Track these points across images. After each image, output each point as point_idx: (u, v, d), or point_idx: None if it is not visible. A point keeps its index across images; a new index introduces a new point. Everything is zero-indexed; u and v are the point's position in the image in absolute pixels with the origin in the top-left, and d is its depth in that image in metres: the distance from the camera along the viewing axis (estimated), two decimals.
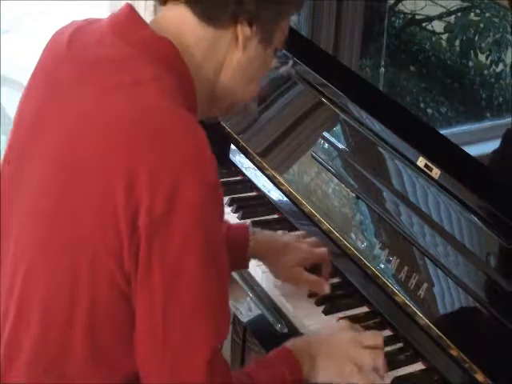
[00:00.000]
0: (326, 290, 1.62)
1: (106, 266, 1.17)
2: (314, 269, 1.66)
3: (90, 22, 1.33)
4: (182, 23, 1.26)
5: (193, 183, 1.14)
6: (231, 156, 2.04)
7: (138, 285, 1.17)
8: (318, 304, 1.61)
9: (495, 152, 1.60)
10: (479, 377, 1.40)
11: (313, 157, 1.81)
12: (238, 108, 1.43)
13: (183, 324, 1.18)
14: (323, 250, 1.67)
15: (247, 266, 1.66)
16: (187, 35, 1.26)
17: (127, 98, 1.19)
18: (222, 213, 1.24)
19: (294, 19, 2.03)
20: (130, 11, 1.28)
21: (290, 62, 1.94)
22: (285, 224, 1.84)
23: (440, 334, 1.47)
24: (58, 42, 1.32)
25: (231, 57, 1.28)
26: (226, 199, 1.90)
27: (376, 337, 1.45)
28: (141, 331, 1.20)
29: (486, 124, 1.62)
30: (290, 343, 1.41)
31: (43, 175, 1.23)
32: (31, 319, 1.24)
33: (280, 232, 1.71)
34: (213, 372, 1.20)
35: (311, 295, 1.63)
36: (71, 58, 1.27)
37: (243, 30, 1.25)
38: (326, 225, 1.73)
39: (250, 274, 1.70)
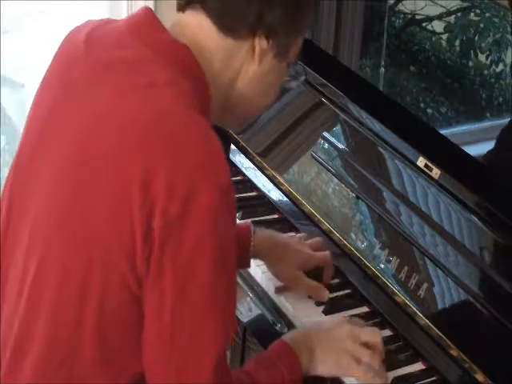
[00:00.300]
0: (326, 297, 1.61)
1: (119, 267, 1.17)
2: (316, 271, 1.66)
3: (106, 22, 1.34)
4: (201, 31, 1.27)
5: (207, 187, 1.14)
6: (231, 156, 2.04)
7: (148, 286, 1.17)
8: (318, 304, 1.61)
9: (495, 152, 1.60)
10: (479, 377, 1.40)
11: (313, 157, 1.81)
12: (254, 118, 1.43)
13: (192, 326, 1.18)
14: (324, 253, 1.66)
15: (249, 266, 1.66)
16: (205, 43, 1.27)
17: (142, 100, 1.19)
18: (235, 216, 1.25)
19: None
20: (149, 13, 1.29)
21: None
22: (285, 224, 1.84)
23: (440, 334, 1.47)
24: (73, 41, 1.32)
25: (247, 67, 1.29)
26: None
27: (375, 334, 1.45)
28: (149, 332, 1.20)
29: (486, 124, 1.62)
30: (288, 336, 1.41)
31: (57, 174, 1.23)
32: (40, 319, 1.24)
33: (282, 234, 1.72)
34: (219, 374, 1.20)
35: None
36: (87, 57, 1.27)
37: (260, 43, 1.26)
38: (326, 225, 1.73)
39: (249, 274, 1.70)
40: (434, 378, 1.47)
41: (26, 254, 1.25)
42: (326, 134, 1.82)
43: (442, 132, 1.65)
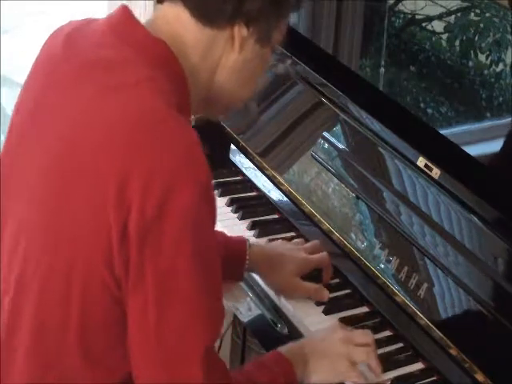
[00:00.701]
0: (326, 296, 1.61)
1: (98, 269, 1.17)
2: (315, 271, 1.66)
3: (87, 22, 1.33)
4: (179, 24, 1.26)
5: (185, 185, 1.14)
6: (231, 156, 2.04)
7: (129, 288, 1.17)
8: (318, 304, 1.61)
9: (495, 152, 1.60)
10: (479, 377, 1.40)
11: (313, 157, 1.81)
12: (238, 107, 1.43)
13: (177, 324, 1.18)
14: (321, 255, 1.65)
15: (242, 279, 1.66)
16: (184, 36, 1.26)
17: (123, 100, 1.19)
18: (215, 213, 1.23)
19: (293, 19, 2.04)
20: (126, 12, 1.28)
21: (288, 61, 1.94)
22: (285, 224, 1.84)
23: (440, 333, 1.47)
24: (54, 42, 1.32)
25: (227, 57, 1.28)
26: (225, 199, 1.90)
27: (367, 335, 1.45)
28: (134, 334, 1.20)
29: (486, 124, 1.62)
30: (283, 348, 1.41)
31: (40, 176, 1.23)
32: (25, 321, 1.24)
33: (278, 242, 1.71)
34: (209, 370, 1.20)
35: None
36: (68, 58, 1.27)
37: (240, 31, 1.25)
38: (326, 225, 1.73)
39: (249, 274, 1.70)
40: (434, 378, 1.47)
41: (10, 254, 1.26)
42: (326, 133, 1.82)
43: (442, 132, 1.65)
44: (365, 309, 1.62)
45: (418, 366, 1.50)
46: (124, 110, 1.18)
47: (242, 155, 2.00)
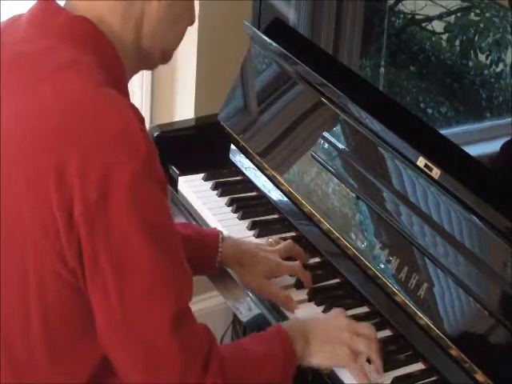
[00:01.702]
0: (293, 309, 1.59)
1: (50, 261, 1.18)
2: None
3: (14, 20, 1.35)
4: None
5: (123, 160, 1.14)
6: (231, 156, 2.04)
7: (87, 275, 1.17)
8: (318, 304, 1.61)
9: (495, 152, 1.60)
10: (479, 377, 1.40)
11: (313, 157, 1.81)
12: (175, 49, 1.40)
13: (140, 303, 1.19)
14: (292, 264, 1.64)
15: (216, 271, 1.65)
16: (100, 7, 1.27)
17: (48, 90, 1.20)
18: (162, 181, 1.22)
19: (294, 19, 2.04)
20: (44, 1, 1.29)
21: (288, 61, 1.94)
22: (285, 224, 1.84)
23: (440, 334, 1.47)
24: None
25: (149, 9, 1.28)
26: (225, 199, 1.90)
27: (370, 328, 1.46)
28: (101, 319, 1.20)
29: (486, 124, 1.62)
30: (285, 323, 1.41)
31: None
32: None
33: (251, 239, 1.71)
34: (180, 338, 1.20)
35: (312, 295, 1.63)
36: None
37: None
38: (326, 225, 1.73)
39: None
40: (434, 378, 1.47)
41: None
42: (326, 133, 1.82)
43: (442, 132, 1.65)
44: (365, 309, 1.62)
45: (418, 366, 1.50)
46: (52, 99, 1.18)
47: (242, 155, 2.00)
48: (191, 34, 2.29)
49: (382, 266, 1.60)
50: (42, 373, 1.25)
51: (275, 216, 1.88)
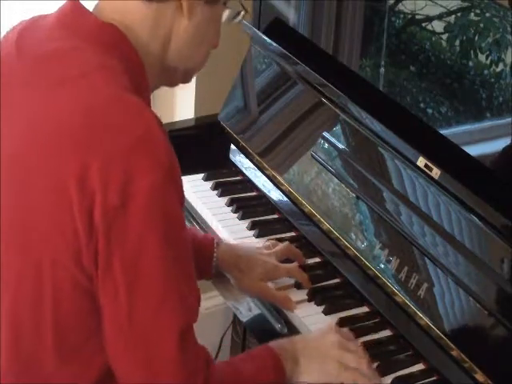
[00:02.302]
0: (292, 308, 1.59)
1: (67, 265, 1.17)
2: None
3: (37, 19, 1.34)
4: (124, 5, 1.26)
5: (145, 167, 1.13)
6: (231, 156, 2.04)
7: (99, 278, 1.17)
8: (318, 304, 1.61)
9: (495, 152, 1.60)
10: (479, 377, 1.40)
11: (313, 157, 1.81)
12: (199, 70, 1.41)
13: (148, 309, 1.18)
14: (289, 266, 1.64)
15: (212, 276, 1.65)
16: (131, 16, 1.26)
17: (74, 92, 1.19)
18: (181, 193, 1.23)
19: (294, 19, 2.04)
20: (74, 3, 1.29)
21: (288, 61, 1.94)
22: (285, 224, 1.84)
23: (440, 334, 1.47)
24: (7, 42, 1.32)
25: (178, 25, 1.28)
26: (225, 199, 1.90)
27: (358, 347, 1.44)
28: (107, 323, 1.20)
29: (486, 124, 1.61)
30: (274, 343, 1.41)
31: (1, 178, 1.23)
32: (2, 325, 1.24)
33: (251, 244, 1.71)
34: (184, 353, 1.20)
35: (312, 295, 1.63)
36: (20, 56, 1.28)
37: None
38: (326, 225, 1.73)
39: None
40: (434, 378, 1.47)
41: None
42: (325, 133, 1.82)
43: (442, 132, 1.65)
44: (365, 309, 1.62)
45: (418, 366, 1.50)
46: (76, 102, 1.18)
47: (242, 155, 2.00)
48: None
49: (382, 265, 1.59)
50: (48, 373, 1.24)
51: (275, 216, 1.88)
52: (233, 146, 2.03)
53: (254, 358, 1.36)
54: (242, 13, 1.37)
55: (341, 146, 1.78)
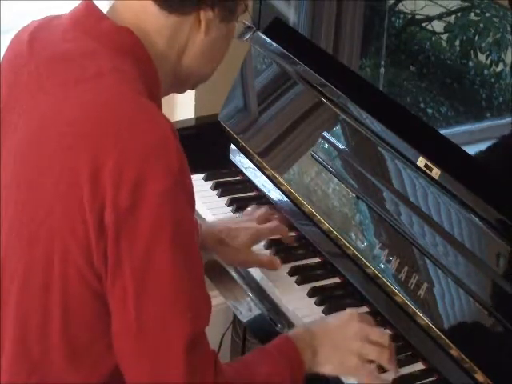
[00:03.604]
0: (278, 265, 1.63)
1: (76, 263, 1.17)
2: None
3: (50, 20, 1.35)
4: (142, 12, 1.27)
5: (157, 172, 1.14)
6: (231, 156, 2.04)
7: (108, 280, 1.17)
8: (318, 304, 1.61)
9: (495, 152, 1.60)
10: (479, 377, 1.40)
11: (313, 157, 1.81)
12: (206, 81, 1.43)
13: (157, 315, 1.18)
14: (272, 223, 1.67)
15: None
16: (148, 24, 1.27)
17: (88, 92, 1.19)
18: (192, 200, 1.23)
19: (294, 19, 2.04)
20: (89, 4, 1.29)
21: (288, 61, 1.94)
22: (285, 224, 1.84)
23: (440, 334, 1.47)
24: (19, 41, 1.33)
25: (194, 40, 1.29)
26: (225, 199, 1.90)
27: (383, 335, 1.43)
28: (116, 326, 1.20)
29: (486, 124, 1.61)
30: (291, 332, 1.40)
31: (12, 174, 1.23)
32: (8, 320, 1.24)
33: (228, 216, 1.74)
34: (192, 359, 1.19)
35: (312, 295, 1.63)
36: (32, 57, 1.28)
37: (206, 15, 1.26)
38: (326, 225, 1.73)
39: (249, 274, 1.70)
40: (434, 378, 1.47)
41: None
42: (325, 133, 1.82)
43: (442, 132, 1.65)
44: (365, 309, 1.62)
45: (418, 366, 1.50)
46: (89, 103, 1.18)
47: (242, 155, 2.00)
48: None
49: (382, 265, 1.59)
50: (56, 373, 1.24)
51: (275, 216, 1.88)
52: (233, 146, 2.03)
53: (269, 356, 1.34)
54: (253, 29, 1.39)
55: (341, 145, 1.78)
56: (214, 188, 1.94)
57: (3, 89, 1.30)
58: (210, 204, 1.89)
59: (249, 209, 1.73)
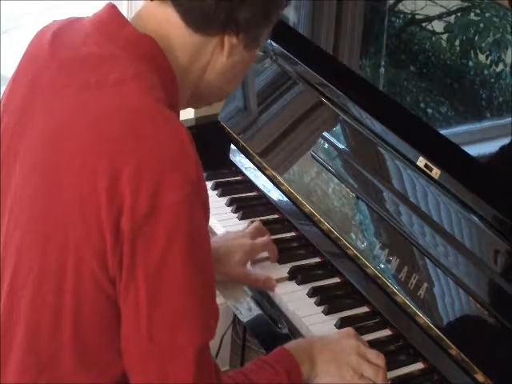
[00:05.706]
0: (273, 287, 1.64)
1: (90, 268, 1.17)
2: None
3: (71, 22, 1.34)
4: (168, 24, 1.26)
5: (174, 182, 1.14)
6: (231, 156, 2.04)
7: (122, 285, 1.17)
8: (318, 304, 1.61)
9: (495, 152, 1.60)
10: (479, 377, 1.40)
11: (313, 157, 1.81)
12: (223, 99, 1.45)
13: (168, 324, 1.18)
14: (262, 239, 1.69)
15: None
16: (172, 37, 1.26)
17: (109, 97, 1.19)
18: (207, 210, 1.23)
19: (294, 19, 2.04)
20: (112, 9, 1.29)
21: (288, 61, 1.94)
22: (285, 224, 1.84)
23: (440, 334, 1.47)
24: (40, 41, 1.32)
25: (216, 60, 1.30)
26: (225, 199, 1.90)
27: (380, 358, 1.42)
28: (126, 332, 1.20)
29: (486, 124, 1.62)
30: (289, 344, 1.40)
31: (27, 179, 1.23)
32: (19, 324, 1.23)
33: (222, 233, 1.74)
34: (199, 370, 1.19)
35: (312, 295, 1.63)
36: (53, 58, 1.27)
37: (230, 39, 1.26)
38: (326, 225, 1.73)
39: None
40: (434, 378, 1.47)
41: (4, 253, 1.25)
42: (326, 133, 1.82)
43: (442, 132, 1.65)
44: (365, 309, 1.62)
45: (418, 366, 1.50)
46: (110, 108, 1.18)
47: (242, 155, 2.00)
48: None
49: (382, 265, 1.60)
50: (65, 374, 1.23)
51: (275, 216, 1.88)
52: (233, 146, 2.03)
53: (268, 367, 1.34)
54: (272, 55, 1.39)
55: (341, 145, 1.78)
56: (214, 188, 1.94)
57: (25, 91, 1.29)
58: (210, 204, 1.89)
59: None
